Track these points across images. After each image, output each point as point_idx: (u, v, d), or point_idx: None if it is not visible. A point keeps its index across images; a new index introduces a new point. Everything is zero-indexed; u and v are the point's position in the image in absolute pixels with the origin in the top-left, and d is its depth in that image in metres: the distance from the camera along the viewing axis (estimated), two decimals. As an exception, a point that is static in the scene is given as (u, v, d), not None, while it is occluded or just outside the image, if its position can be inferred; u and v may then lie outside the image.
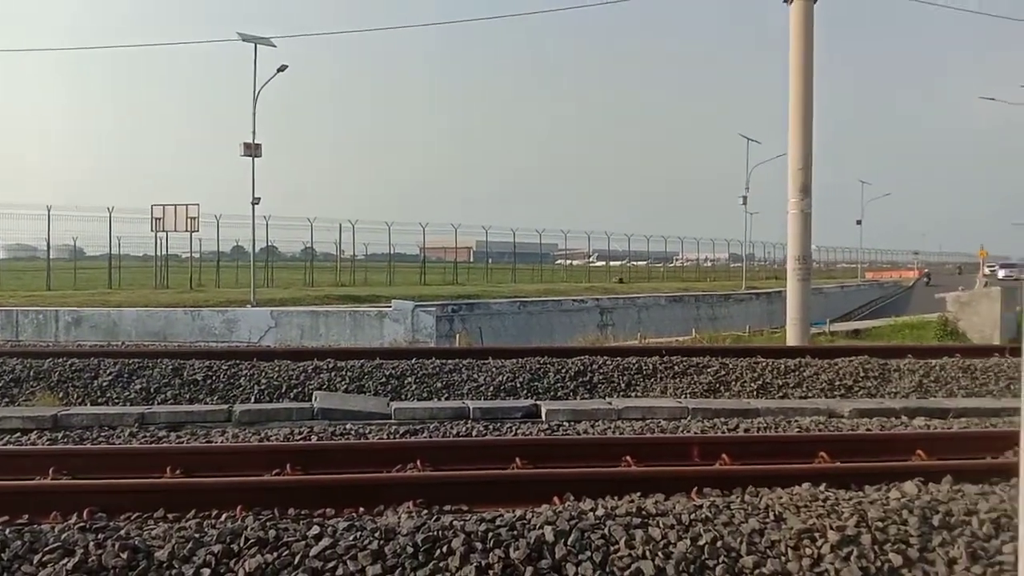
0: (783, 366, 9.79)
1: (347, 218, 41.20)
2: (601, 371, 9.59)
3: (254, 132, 27.65)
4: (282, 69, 28.65)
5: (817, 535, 3.60)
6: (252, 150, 27.87)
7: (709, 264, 71.41)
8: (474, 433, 6.69)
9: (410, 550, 3.60)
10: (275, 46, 28.42)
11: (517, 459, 5.46)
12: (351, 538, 3.72)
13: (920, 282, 66.50)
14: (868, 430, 6.80)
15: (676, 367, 9.78)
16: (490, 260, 52.61)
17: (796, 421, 7.21)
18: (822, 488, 4.21)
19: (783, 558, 3.48)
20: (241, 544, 3.70)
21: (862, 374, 9.69)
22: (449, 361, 9.63)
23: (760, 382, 9.42)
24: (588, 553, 3.49)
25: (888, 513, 3.77)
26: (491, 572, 3.42)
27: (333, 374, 9.22)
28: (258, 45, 27.87)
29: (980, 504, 3.95)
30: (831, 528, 3.62)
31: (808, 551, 3.51)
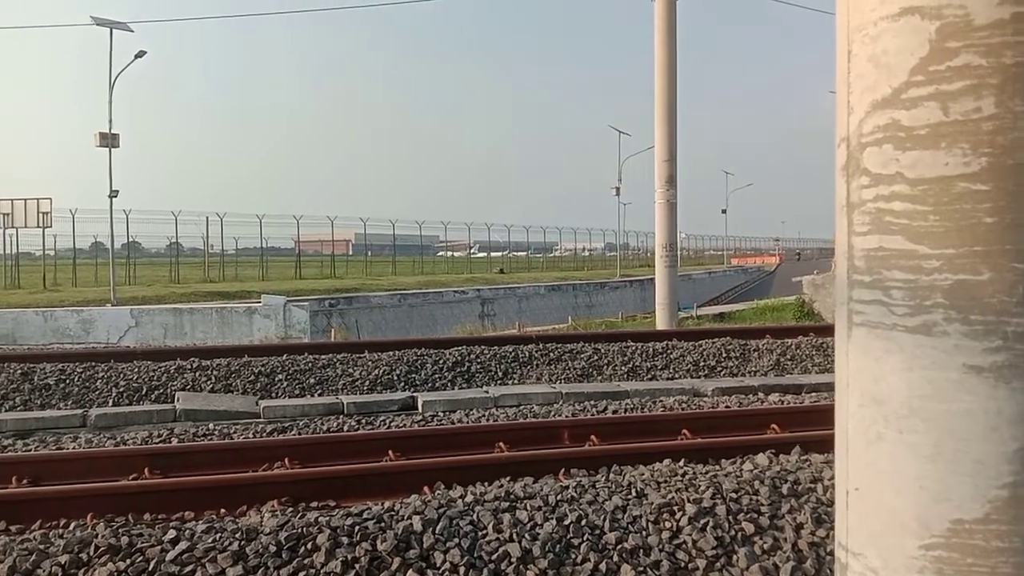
0: (651, 349, 10.14)
1: (216, 211, 39.58)
2: (479, 361, 9.63)
3: (110, 121, 26.13)
4: (140, 55, 27.15)
5: (676, 508, 3.74)
6: (109, 140, 26.28)
7: (587, 253, 73.14)
8: (346, 428, 6.58)
9: (273, 549, 3.49)
10: (132, 31, 26.90)
11: (390, 452, 5.40)
12: (210, 540, 3.57)
13: (781, 268, 70.51)
14: (727, 407, 7.15)
15: (551, 354, 9.95)
16: (369, 253, 51.86)
17: (662, 401, 7.50)
18: (682, 463, 4.39)
19: (644, 532, 3.60)
20: (91, 553, 3.49)
21: (724, 355, 10.17)
22: (323, 356, 9.42)
23: (630, 365, 9.73)
24: (456, 540, 3.49)
25: (742, 484, 3.96)
26: (357, 566, 3.36)
27: (198, 374, 8.82)
28: (114, 30, 26.27)
29: (825, 472, 4.22)
30: (689, 501, 3.77)
31: (668, 524, 3.65)
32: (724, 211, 72.72)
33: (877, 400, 1.37)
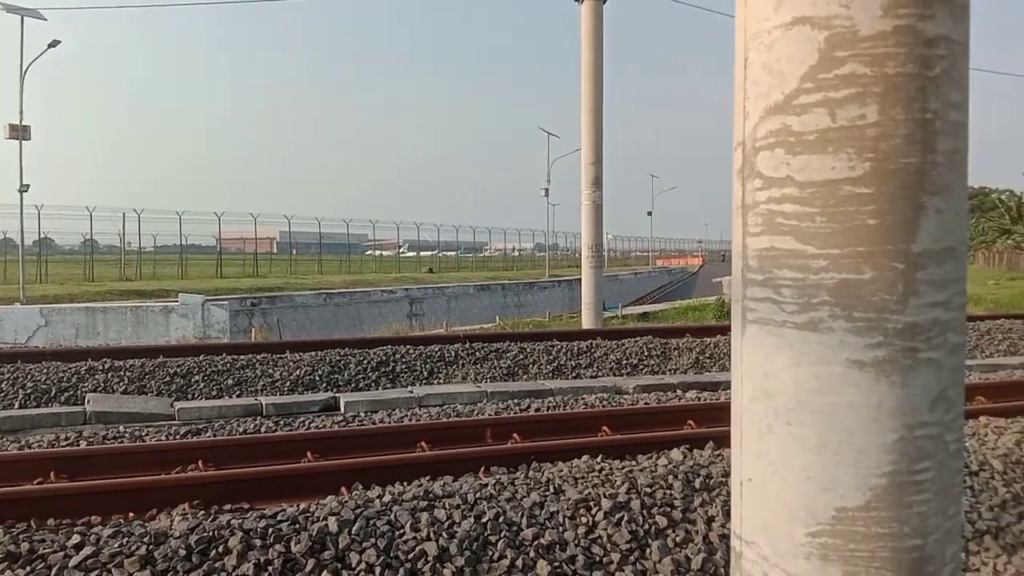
0: (576, 348, 10.25)
1: (134, 207, 38.15)
2: (404, 360, 9.56)
3: (21, 113, 24.91)
4: (53, 45, 26.01)
5: (592, 504, 3.80)
6: (19, 132, 25.05)
7: (516, 254, 73.38)
8: (264, 430, 6.44)
9: (183, 553, 3.40)
10: (45, 19, 25.69)
11: (308, 453, 5.31)
12: (117, 545, 3.46)
13: (703, 269, 72.20)
14: (646, 404, 7.28)
15: (478, 353, 9.96)
16: (295, 251, 50.80)
17: (584, 399, 7.59)
18: (599, 459, 4.45)
19: (561, 528, 3.64)
20: (-13, 562, 3.34)
21: (646, 353, 10.36)
22: (242, 357, 9.19)
23: (555, 364, 9.81)
24: (373, 540, 3.47)
25: (656, 479, 4.05)
26: (270, 568, 3.30)
27: (110, 375, 8.49)
28: (25, 17, 25.05)
29: (736, 465, 4.34)
30: (605, 496, 3.83)
31: (584, 519, 3.70)
32: (650, 213, 74.09)
33: (768, 394, 1.42)
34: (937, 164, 1.32)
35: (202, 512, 4.23)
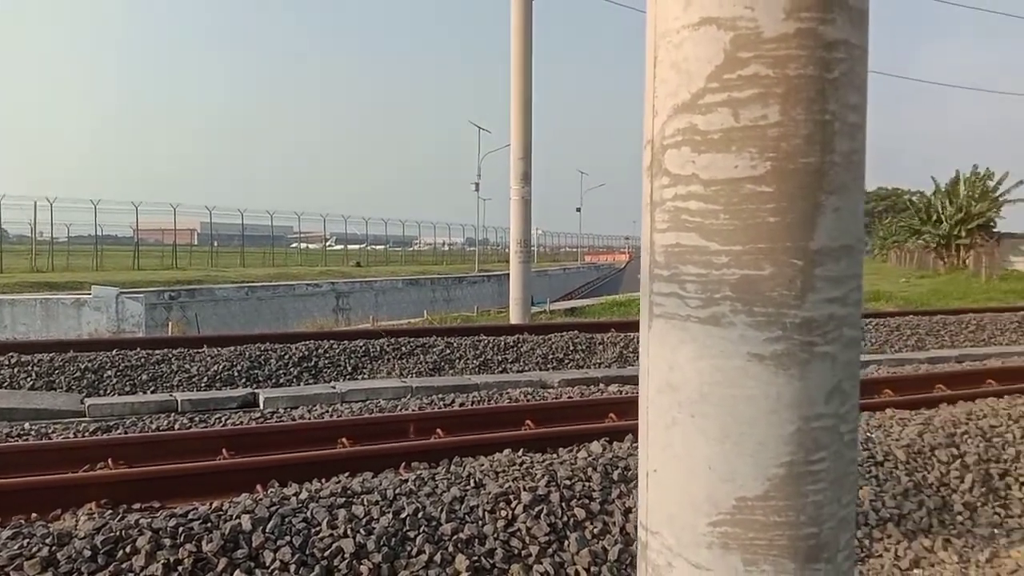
0: (503, 343, 10.28)
1: (45, 195, 36.41)
2: (327, 355, 9.41)
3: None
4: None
5: (512, 497, 3.81)
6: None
7: (447, 248, 73.11)
8: (178, 427, 6.24)
9: (88, 553, 3.27)
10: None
11: (224, 450, 5.17)
12: (16, 547, 3.30)
13: (630, 265, 73.41)
14: (570, 398, 7.36)
15: (403, 348, 9.88)
16: (216, 243, 49.38)
17: (508, 393, 7.62)
18: (520, 453, 4.47)
19: (480, 522, 3.64)
20: None
21: (572, 347, 10.46)
22: (157, 351, 8.89)
23: (482, 359, 9.82)
24: (288, 538, 3.40)
25: (575, 471, 4.09)
26: (180, 568, 3.21)
27: (16, 370, 8.11)
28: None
29: (654, 457, 4.42)
30: (524, 489, 3.85)
31: (504, 513, 3.71)
32: (578, 209, 74.75)
33: (673, 387, 1.44)
34: (835, 164, 1.35)
35: (109, 512, 4.07)
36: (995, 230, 37.97)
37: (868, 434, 5.28)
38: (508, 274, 15.45)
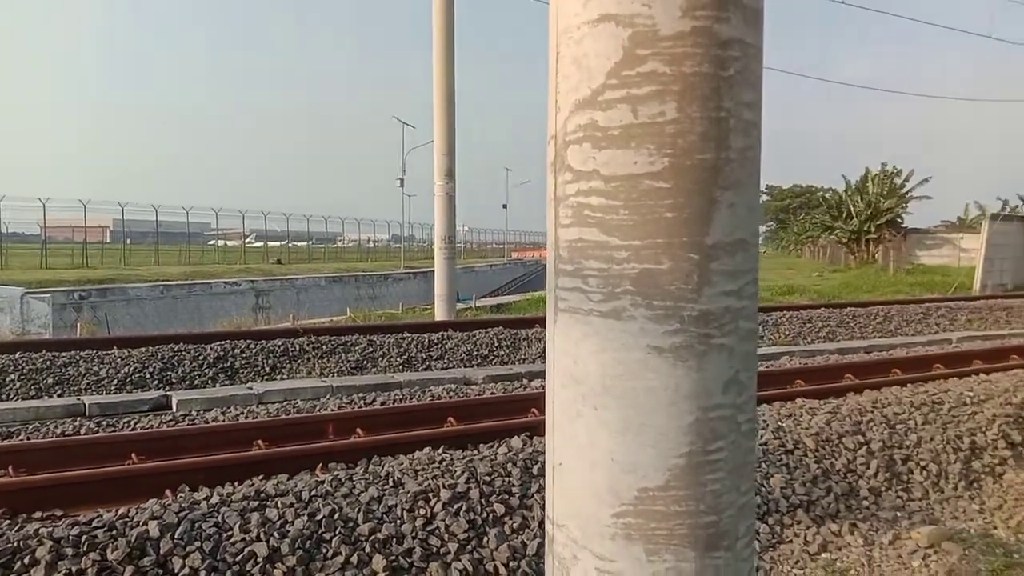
0: (427, 340, 10.22)
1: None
2: (244, 355, 9.18)
3: None
4: None
5: (431, 495, 3.79)
6: None
7: (372, 245, 72.25)
8: (84, 431, 5.98)
9: (-19, 569, 3.10)
10: None
11: (133, 455, 4.98)
12: (-101, 566, 3.11)
13: None
14: (493, 394, 7.37)
15: (324, 347, 9.71)
16: (129, 241, 47.54)
17: (431, 390, 7.57)
18: (441, 451, 4.45)
19: (398, 521, 3.61)
20: None
21: (497, 344, 10.48)
22: (64, 354, 8.50)
23: (405, 356, 9.74)
24: (198, 543, 3.30)
25: (495, 467, 4.10)
26: (83, 579, 3.07)
27: (-94, 375, 7.63)
28: None
29: (573, 451, 4.47)
30: (444, 487, 3.84)
31: (422, 511, 3.69)
32: (505, 206, 75.02)
33: (576, 380, 1.45)
34: (730, 160, 1.38)
35: (8, 521, 3.87)
36: (902, 225, 39.72)
37: (780, 423, 5.46)
38: (434, 271, 15.37)
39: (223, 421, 6.27)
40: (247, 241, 61.87)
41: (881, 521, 4.55)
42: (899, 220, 39.97)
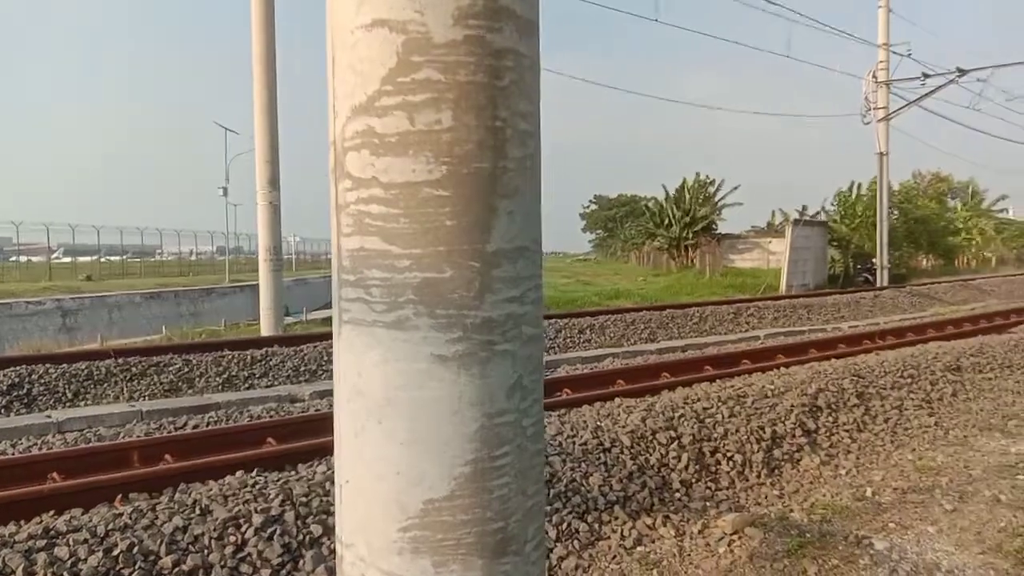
0: (250, 357, 9.78)
1: None
2: (43, 381, 8.38)
3: None
4: None
5: (243, 521, 3.61)
6: None
7: (195, 258, 68.36)
8: None
9: None
10: None
11: None
12: None
13: None
14: (318, 410, 7.15)
15: (134, 368, 9.05)
16: (-92, 258, 42.24)
17: (250, 410, 7.24)
18: (254, 474, 4.25)
19: (206, 551, 3.41)
20: None
21: (326, 358, 10.20)
22: None
23: (226, 375, 9.27)
24: (-31, 595, 2.95)
25: (312, 487, 3.96)
26: None
27: None
28: None
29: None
30: (256, 512, 3.66)
31: (232, 539, 3.50)
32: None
33: (361, 393, 1.41)
34: (508, 169, 1.39)
35: None
36: (716, 232, 42.60)
37: (599, 423, 5.66)
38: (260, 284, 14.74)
39: (12, 455, 5.66)
40: (54, 257, 56.68)
41: (692, 512, 4.81)
42: (714, 227, 42.86)
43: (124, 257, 58.52)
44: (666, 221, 43.29)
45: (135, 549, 3.30)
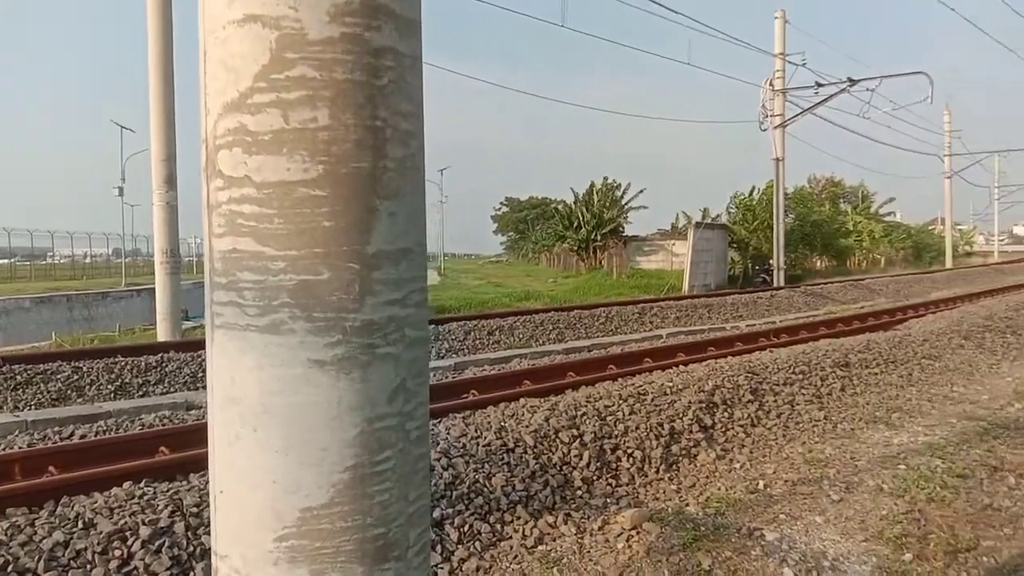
0: (144, 363, 9.39)
1: None
2: (-87, 392, 7.81)
3: None
4: None
5: (129, 534, 3.45)
6: None
7: (89, 260, 65.14)
8: None
9: None
10: None
11: None
12: None
13: None
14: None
15: (19, 377, 8.55)
16: None
17: (143, 419, 6.94)
18: (143, 484, 4.07)
19: (89, 566, 3.24)
20: None
21: (226, 363, 9.86)
22: None
23: (119, 383, 8.86)
24: None
25: (204, 497, 3.83)
26: None
27: None
28: None
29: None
30: (144, 524, 3.51)
31: (118, 552, 3.34)
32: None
33: (234, 400, 1.36)
34: (388, 170, 1.37)
35: None
36: (623, 234, 43.50)
37: (503, 423, 5.68)
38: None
39: None
40: (-72, 260, 52.96)
41: (592, 508, 4.89)
42: (621, 229, 43.75)
43: (12, 260, 55.27)
44: (575, 223, 43.94)
45: (10, 567, 3.11)
